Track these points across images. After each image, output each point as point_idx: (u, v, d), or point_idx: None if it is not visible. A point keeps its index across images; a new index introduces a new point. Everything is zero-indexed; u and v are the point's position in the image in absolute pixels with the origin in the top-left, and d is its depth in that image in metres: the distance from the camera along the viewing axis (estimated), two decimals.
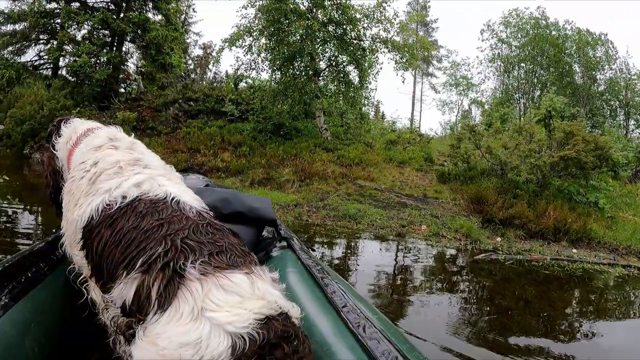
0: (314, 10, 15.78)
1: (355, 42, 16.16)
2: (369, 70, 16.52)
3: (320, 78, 17.16)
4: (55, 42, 22.16)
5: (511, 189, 11.46)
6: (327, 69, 17.33)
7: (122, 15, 21.91)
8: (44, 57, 23.67)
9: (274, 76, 17.06)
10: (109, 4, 22.31)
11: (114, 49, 22.37)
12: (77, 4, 21.66)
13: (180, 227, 1.26)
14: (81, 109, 18.83)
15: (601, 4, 52.90)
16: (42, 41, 23.45)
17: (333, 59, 16.97)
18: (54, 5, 22.17)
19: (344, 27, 16.00)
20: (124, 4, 22.21)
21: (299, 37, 15.58)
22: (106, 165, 1.49)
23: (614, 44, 26.86)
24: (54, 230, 1.91)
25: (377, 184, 12.20)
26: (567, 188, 11.95)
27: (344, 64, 16.82)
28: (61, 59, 22.79)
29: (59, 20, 22.01)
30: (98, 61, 21.66)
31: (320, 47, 16.41)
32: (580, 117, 18.32)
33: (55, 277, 1.72)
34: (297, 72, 16.91)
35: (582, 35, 26.71)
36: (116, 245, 1.25)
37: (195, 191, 1.62)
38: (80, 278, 1.53)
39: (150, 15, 22.71)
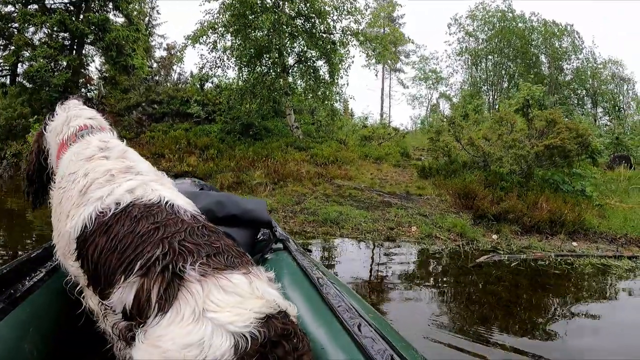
0: (281, 4, 14.65)
1: (324, 35, 15.10)
2: (340, 65, 15.49)
3: (289, 74, 16.03)
4: (12, 47, 20.42)
5: (496, 181, 10.66)
6: (296, 65, 16.21)
7: (81, 16, 20.31)
8: (1, 63, 21.86)
9: (240, 74, 15.88)
10: (68, 5, 20.59)
11: (74, 52, 20.78)
12: (35, 7, 19.91)
13: (177, 229, 1.23)
14: (40, 117, 17.38)
15: (595, 4, 52.98)
16: None
17: (302, 54, 15.86)
18: (10, 8, 20.38)
19: (313, 20, 14.92)
20: (83, 5, 20.58)
21: (266, 32, 14.45)
22: (97, 175, 1.42)
23: (580, 34, 26.78)
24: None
25: (356, 182, 11.15)
26: (552, 177, 11.30)
27: (314, 58, 15.76)
28: (19, 64, 21.08)
29: (16, 25, 20.23)
30: (57, 65, 20.08)
31: (289, 42, 15.26)
32: (550, 106, 17.79)
33: (52, 282, 1.68)
34: (265, 69, 15.75)
35: (548, 26, 26.47)
36: (112, 252, 1.20)
37: (189, 195, 1.60)
38: (77, 288, 1.47)
39: (111, 16, 21.10)
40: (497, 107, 25.51)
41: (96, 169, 1.45)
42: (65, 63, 20.17)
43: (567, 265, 6.55)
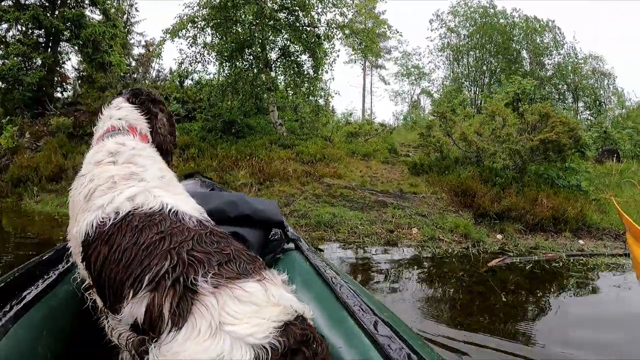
0: None
1: (308, 29, 14.33)
2: (324, 59, 14.74)
3: (272, 69, 15.20)
4: None
5: (491, 177, 10.11)
6: (279, 60, 15.41)
7: (56, 12, 19.16)
8: None
9: (221, 69, 15.03)
10: (43, 0, 19.33)
11: (49, 49, 19.65)
12: (9, 2, 18.59)
13: (183, 238, 1.14)
14: (13, 118, 16.64)
15: (587, 4, 52.92)
16: None
17: (285, 48, 15.07)
18: None
19: (296, 13, 14.15)
20: (58, 1, 19.39)
21: (247, 25, 13.64)
22: (101, 181, 1.39)
23: (561, 29, 26.55)
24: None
25: (346, 181, 10.45)
26: (546, 172, 10.82)
27: (297, 53, 14.97)
28: None
29: None
30: (31, 64, 18.96)
31: (272, 35, 14.45)
32: (540, 99, 17.42)
33: (65, 284, 1.64)
34: (247, 65, 14.92)
35: (529, 22, 26.19)
36: (117, 264, 1.14)
37: (199, 196, 1.57)
38: (84, 284, 1.44)
39: (87, 12, 19.86)
40: (479, 102, 25.20)
41: (101, 175, 1.42)
42: (39, 61, 18.98)
43: (581, 265, 6.05)
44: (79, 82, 21.40)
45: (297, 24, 14.21)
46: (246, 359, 0.88)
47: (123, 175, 1.41)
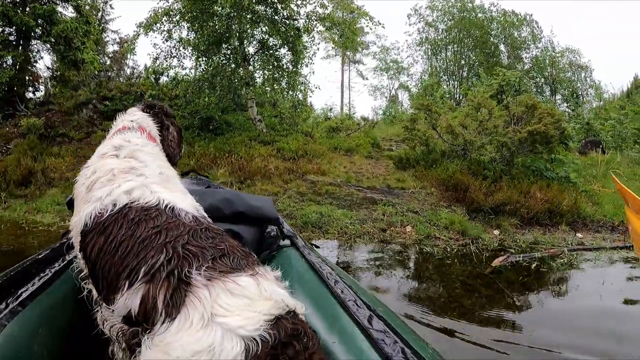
0: None
1: (287, 21, 13.70)
2: (304, 53, 14.14)
3: (249, 64, 14.52)
4: None
5: (479, 170, 9.68)
6: (257, 54, 14.73)
7: (27, 9, 18.16)
8: None
9: (198, 64, 14.31)
10: None
11: (20, 47, 18.65)
12: None
13: (179, 233, 1.14)
14: None
15: (568, 3, 53.81)
16: None
17: (264, 41, 14.39)
18: None
19: (275, 5, 13.50)
20: None
21: (224, 18, 12.96)
22: (101, 173, 1.41)
23: (539, 23, 26.55)
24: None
25: (331, 177, 9.86)
26: (534, 164, 10.48)
27: (276, 46, 14.32)
28: None
29: None
30: (0, 62, 18.00)
31: (250, 28, 13.75)
32: (524, 90, 17.18)
33: (61, 282, 1.63)
34: (224, 59, 14.21)
35: (507, 16, 26.08)
36: (112, 255, 1.15)
37: (195, 194, 1.57)
38: (82, 274, 1.44)
39: (60, 8, 18.87)
40: (457, 96, 25.00)
41: (102, 168, 1.43)
42: (10, 60, 17.92)
43: (587, 260, 5.66)
44: (52, 81, 20.45)
45: (276, 17, 13.55)
46: (236, 350, 0.87)
47: (122, 169, 1.41)
